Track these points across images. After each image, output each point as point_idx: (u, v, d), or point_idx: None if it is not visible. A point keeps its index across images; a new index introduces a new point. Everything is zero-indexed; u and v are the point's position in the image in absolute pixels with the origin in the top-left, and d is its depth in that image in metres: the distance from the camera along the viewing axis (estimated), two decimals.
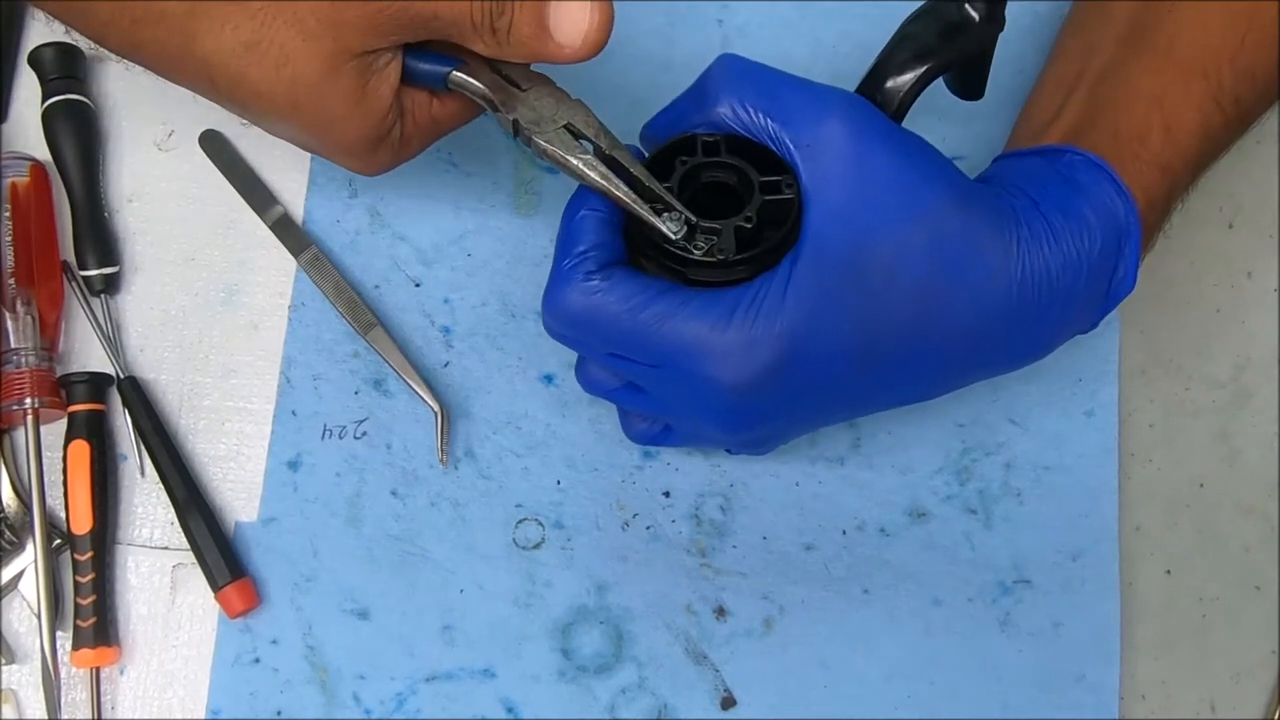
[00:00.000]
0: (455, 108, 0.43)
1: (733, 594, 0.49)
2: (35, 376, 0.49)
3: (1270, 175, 0.55)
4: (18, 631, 0.49)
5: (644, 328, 0.38)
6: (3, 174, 0.51)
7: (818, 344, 0.38)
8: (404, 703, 0.48)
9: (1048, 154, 0.43)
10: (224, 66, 0.38)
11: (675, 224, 0.38)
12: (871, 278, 0.37)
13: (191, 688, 0.48)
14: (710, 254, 0.38)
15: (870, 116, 0.39)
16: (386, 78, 0.40)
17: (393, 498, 0.50)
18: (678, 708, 0.48)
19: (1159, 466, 0.52)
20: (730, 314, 0.37)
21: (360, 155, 0.42)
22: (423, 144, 0.44)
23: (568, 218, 0.40)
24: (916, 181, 0.38)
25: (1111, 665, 0.49)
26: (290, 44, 0.37)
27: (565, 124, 0.40)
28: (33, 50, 0.52)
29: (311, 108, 0.39)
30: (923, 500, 0.50)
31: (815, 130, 0.38)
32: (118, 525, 0.50)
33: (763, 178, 0.39)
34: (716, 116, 0.39)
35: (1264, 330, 0.53)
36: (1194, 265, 0.54)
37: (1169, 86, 0.44)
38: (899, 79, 0.42)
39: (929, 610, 0.49)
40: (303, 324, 0.52)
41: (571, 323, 0.39)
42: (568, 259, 0.39)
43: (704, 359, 0.38)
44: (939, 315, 0.39)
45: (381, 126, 0.41)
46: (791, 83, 0.39)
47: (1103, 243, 0.40)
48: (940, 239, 0.38)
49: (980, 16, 0.42)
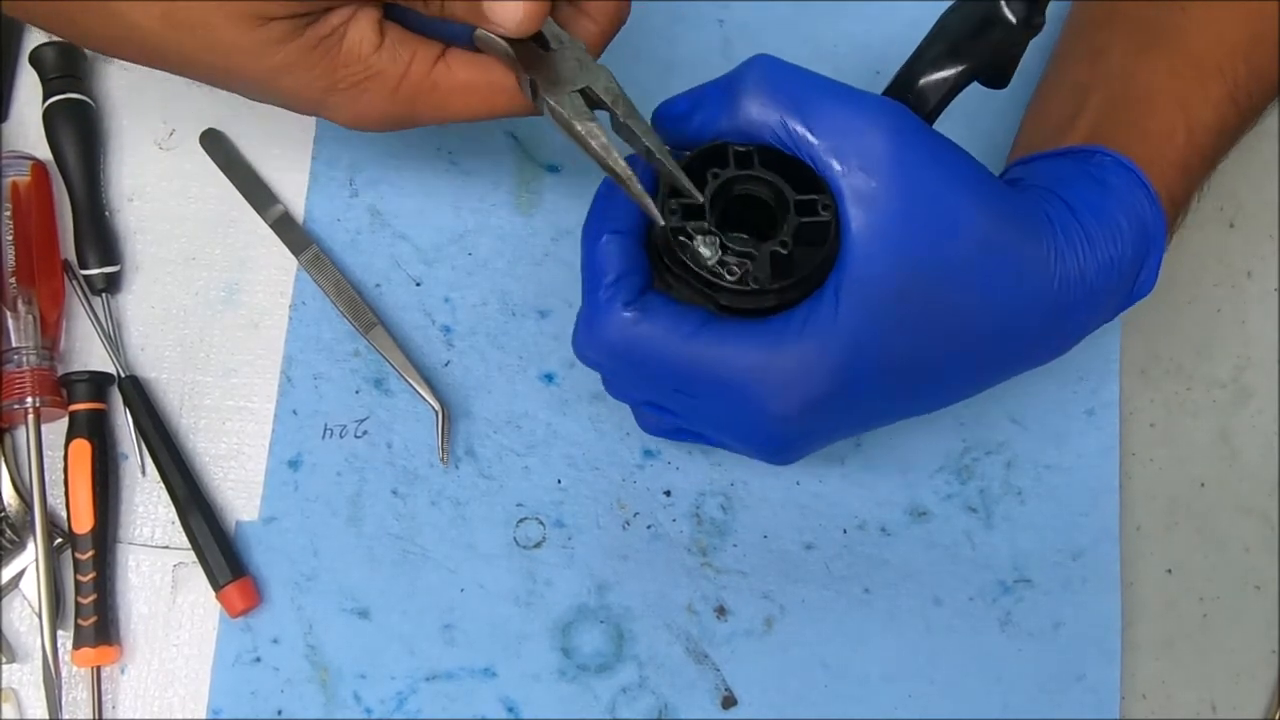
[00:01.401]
0: (462, 78, 0.40)
1: (733, 593, 0.49)
2: (36, 375, 0.49)
3: (1270, 175, 0.55)
4: (18, 630, 0.49)
5: (687, 361, 0.37)
6: (3, 173, 0.51)
7: (864, 368, 0.37)
8: (404, 702, 0.48)
9: (1077, 155, 0.42)
10: (153, 36, 0.38)
11: (709, 249, 0.37)
12: (917, 297, 0.37)
13: (192, 687, 0.48)
14: (743, 280, 0.37)
15: (914, 129, 0.37)
16: (341, 31, 0.38)
17: (393, 497, 0.50)
18: (678, 707, 0.48)
19: (1159, 466, 0.52)
20: (777, 346, 0.37)
21: (332, 107, 0.40)
22: (416, 107, 0.41)
23: (590, 241, 0.39)
24: (962, 198, 0.37)
25: (1111, 665, 0.49)
26: (206, 10, 0.37)
27: (583, 88, 0.39)
28: (33, 49, 0.52)
29: (249, 67, 0.38)
30: (923, 499, 0.50)
31: (857, 146, 0.36)
32: (119, 524, 0.50)
33: (798, 196, 0.37)
34: (746, 122, 0.38)
35: (1264, 330, 0.53)
36: (1194, 265, 0.54)
37: (1189, 86, 0.43)
38: (933, 77, 0.41)
39: (929, 610, 0.49)
40: (303, 323, 0.52)
41: (611, 356, 0.39)
42: (600, 290, 0.38)
43: (750, 393, 0.37)
44: (979, 326, 0.38)
45: (344, 78, 0.39)
46: (830, 92, 0.37)
47: (1134, 247, 0.40)
48: (984, 254, 0.37)
49: (1018, 19, 0.40)
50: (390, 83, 0.40)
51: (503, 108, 0.41)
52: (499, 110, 0.41)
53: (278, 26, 0.37)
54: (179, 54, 0.39)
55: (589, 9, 0.40)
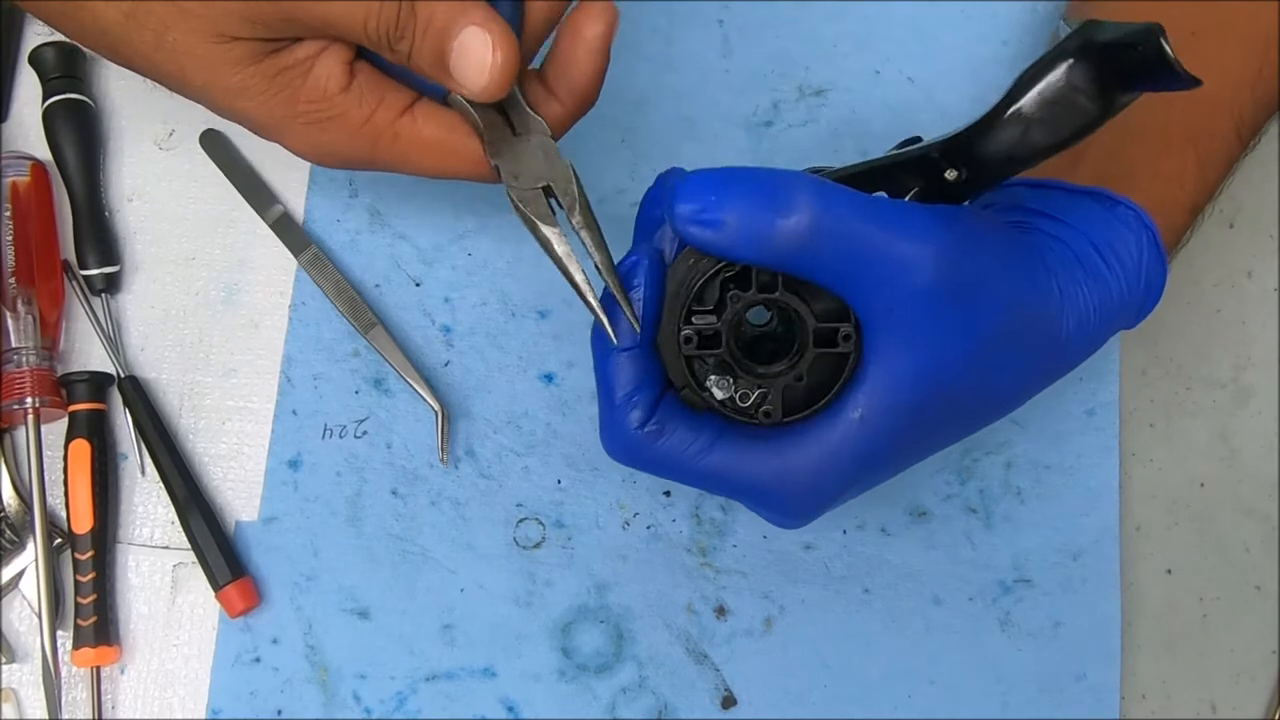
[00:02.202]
0: (426, 134, 0.40)
1: (733, 593, 0.49)
2: (36, 376, 0.49)
3: (1270, 175, 0.55)
4: (18, 631, 0.49)
5: (706, 473, 0.38)
6: (3, 173, 0.51)
7: (874, 464, 0.38)
8: (404, 702, 0.48)
9: (1100, 199, 0.41)
10: (115, 34, 0.38)
11: (722, 391, 0.38)
12: (932, 404, 0.37)
13: (192, 687, 0.48)
14: (754, 410, 0.37)
15: (960, 259, 0.35)
16: (307, 65, 0.38)
17: (393, 497, 0.50)
18: (678, 707, 0.48)
19: (1159, 466, 0.52)
20: (793, 462, 0.37)
21: (289, 137, 0.40)
22: (376, 153, 0.40)
23: (599, 356, 0.39)
24: (985, 309, 0.36)
25: (1112, 665, 0.49)
26: (168, 15, 0.37)
27: (545, 184, 0.39)
28: (33, 50, 0.52)
29: (201, 80, 0.38)
30: (923, 499, 0.50)
31: (900, 292, 0.35)
32: (118, 524, 0.50)
33: (818, 324, 0.37)
34: (785, 255, 0.35)
35: (1264, 330, 0.53)
36: (1194, 265, 0.54)
37: (1199, 122, 0.43)
38: (1020, 145, 0.36)
39: (929, 610, 0.49)
40: (303, 323, 0.52)
41: (632, 462, 0.39)
42: (615, 409, 0.38)
43: (769, 499, 0.38)
44: (985, 400, 0.39)
45: (304, 112, 0.39)
46: (878, 220, 0.34)
47: (1138, 298, 0.41)
48: (1000, 348, 0.37)
49: (1097, 105, 0.35)
50: (352, 125, 0.39)
51: (464, 172, 0.41)
52: (460, 174, 0.41)
53: (239, 47, 0.37)
54: (141, 55, 0.38)
55: (558, 91, 0.40)
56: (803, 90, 0.54)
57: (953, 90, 0.54)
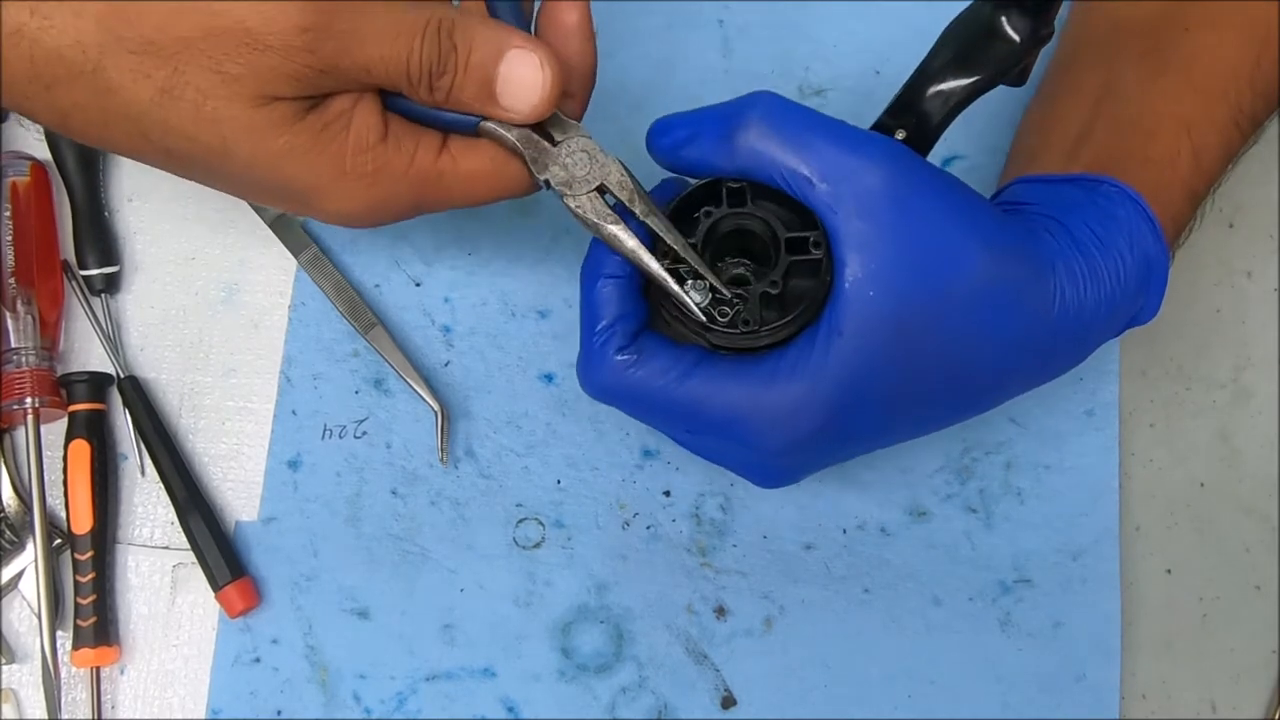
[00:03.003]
0: (467, 168, 0.39)
1: (733, 593, 0.49)
2: (35, 376, 0.49)
3: (1270, 175, 0.55)
4: (18, 631, 0.49)
5: (681, 401, 0.38)
6: (3, 173, 0.51)
7: (857, 403, 0.37)
8: (404, 702, 0.48)
9: (1084, 184, 0.42)
10: (148, 117, 0.36)
11: (700, 294, 0.38)
12: (912, 336, 0.37)
13: (192, 687, 0.48)
14: (734, 322, 0.38)
15: (912, 168, 0.37)
16: (347, 119, 0.37)
17: (393, 497, 0.50)
18: (678, 707, 0.48)
19: (1159, 466, 0.52)
20: (768, 386, 0.37)
21: (333, 197, 0.38)
22: (422, 198, 0.40)
23: (587, 285, 0.39)
24: (960, 239, 0.37)
25: (1111, 665, 0.49)
26: (207, 84, 0.35)
27: (598, 184, 0.39)
28: None
29: (246, 148, 0.36)
30: (923, 499, 0.50)
31: (853, 189, 0.36)
32: (118, 525, 0.50)
33: (789, 233, 0.38)
34: (743, 160, 0.37)
35: (1264, 330, 0.53)
36: (1194, 265, 0.54)
37: (1193, 111, 0.43)
38: (938, 90, 0.40)
39: (929, 610, 0.49)
40: (303, 323, 0.52)
41: (609, 397, 0.39)
42: (595, 335, 0.38)
43: (742, 430, 0.38)
44: (975, 360, 0.38)
45: (354, 166, 0.38)
46: (828, 132, 0.37)
47: (1135, 280, 0.40)
48: (983, 291, 0.37)
49: (1021, 36, 0.39)
50: (397, 173, 0.38)
51: (511, 194, 0.41)
52: (505, 196, 0.41)
53: (281, 108, 0.36)
54: (177, 133, 0.36)
55: (566, 86, 0.39)
56: (803, 90, 0.54)
57: None
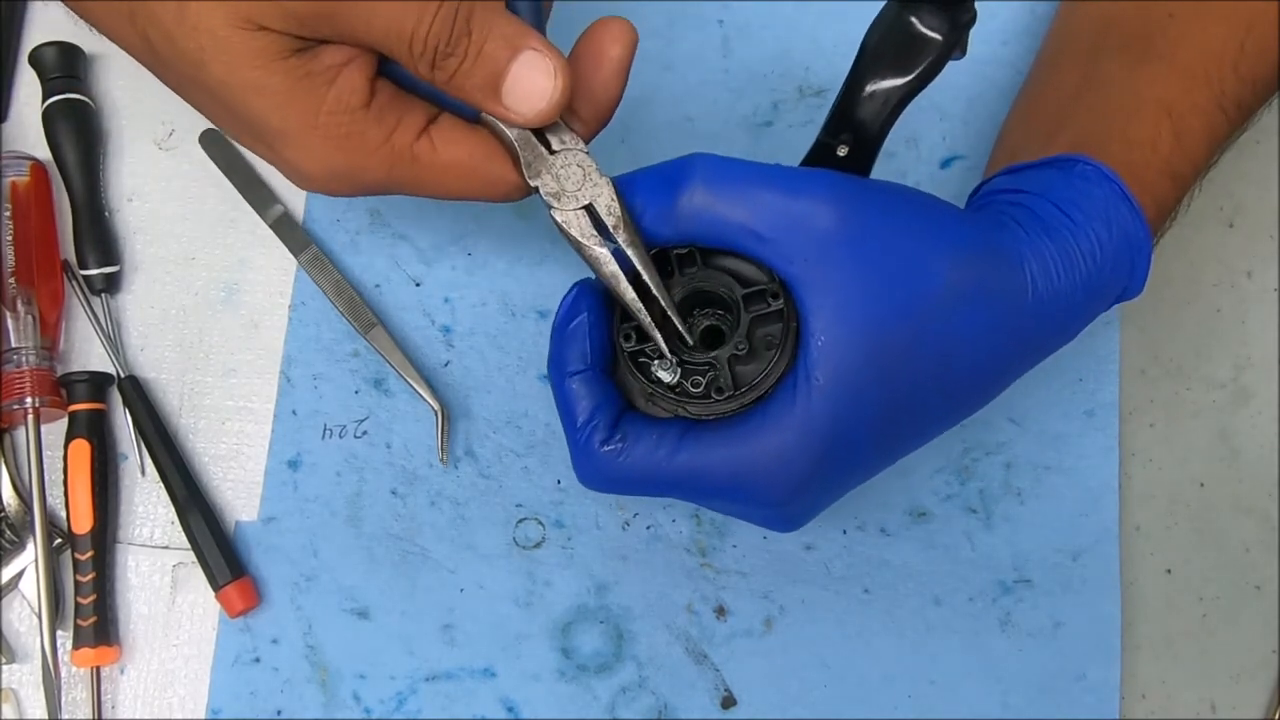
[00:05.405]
0: (446, 158, 0.38)
1: (733, 593, 0.49)
2: (36, 376, 0.49)
3: (1270, 175, 0.55)
4: (18, 631, 0.49)
5: (676, 476, 0.38)
6: (3, 173, 0.51)
7: (850, 438, 0.37)
8: (404, 702, 0.48)
9: (1060, 164, 0.42)
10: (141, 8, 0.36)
11: (668, 373, 0.37)
12: (892, 358, 0.36)
13: (192, 687, 0.48)
14: (708, 391, 0.37)
15: (858, 197, 0.36)
16: (333, 74, 0.36)
17: (393, 497, 0.50)
18: (678, 707, 0.48)
19: (1159, 466, 0.52)
20: (757, 444, 0.37)
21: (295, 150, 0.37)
22: (390, 178, 0.38)
23: (556, 384, 0.39)
24: (923, 252, 0.36)
25: (1112, 665, 0.49)
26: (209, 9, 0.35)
27: (586, 203, 0.37)
28: (33, 49, 0.52)
29: (219, 68, 0.35)
30: (923, 500, 0.50)
31: (803, 238, 0.36)
32: (118, 524, 0.50)
33: (744, 290, 0.37)
34: (687, 225, 0.37)
35: (1264, 330, 0.53)
36: (1194, 265, 0.54)
37: (1175, 94, 0.43)
38: (872, 101, 0.39)
39: (929, 610, 0.49)
40: (303, 323, 0.52)
41: (607, 487, 0.39)
42: (578, 432, 0.38)
43: (744, 490, 0.38)
44: (957, 364, 0.38)
45: (324, 124, 0.36)
46: (767, 181, 0.36)
47: (1115, 259, 0.40)
48: (956, 301, 0.37)
49: (941, 34, 0.39)
50: (369, 145, 0.37)
51: (484, 195, 0.39)
52: (480, 197, 0.39)
53: (265, 39, 0.35)
54: (159, 27, 0.35)
55: (581, 111, 0.39)
56: (803, 90, 0.54)
57: (952, 91, 0.54)
